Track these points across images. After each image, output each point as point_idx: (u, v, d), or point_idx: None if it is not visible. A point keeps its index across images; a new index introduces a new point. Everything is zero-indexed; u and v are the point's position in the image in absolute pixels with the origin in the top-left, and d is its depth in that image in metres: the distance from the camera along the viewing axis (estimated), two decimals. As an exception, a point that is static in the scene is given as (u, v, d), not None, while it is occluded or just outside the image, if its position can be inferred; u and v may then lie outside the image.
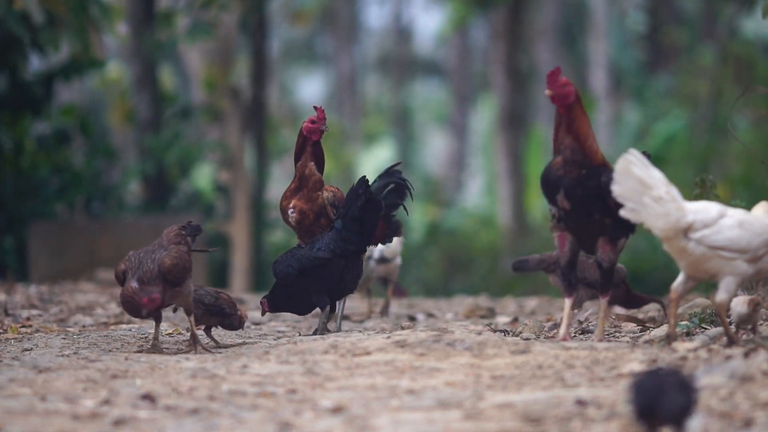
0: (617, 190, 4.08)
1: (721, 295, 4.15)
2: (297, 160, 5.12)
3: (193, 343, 4.72)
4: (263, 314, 5.14)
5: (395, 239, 6.25)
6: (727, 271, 4.11)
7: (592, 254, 4.54)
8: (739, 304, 4.39)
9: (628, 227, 4.47)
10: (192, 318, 4.73)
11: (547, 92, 4.45)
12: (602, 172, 4.40)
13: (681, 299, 4.29)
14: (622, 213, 4.11)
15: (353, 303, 7.25)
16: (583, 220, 4.44)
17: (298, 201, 5.07)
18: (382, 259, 6.50)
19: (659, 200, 4.04)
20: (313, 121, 5.09)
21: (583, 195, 4.40)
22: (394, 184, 5.33)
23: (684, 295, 4.27)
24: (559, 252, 4.53)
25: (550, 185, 4.45)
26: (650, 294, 5.65)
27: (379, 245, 6.25)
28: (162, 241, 4.66)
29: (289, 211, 5.08)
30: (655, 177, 4.06)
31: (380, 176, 5.39)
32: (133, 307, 4.53)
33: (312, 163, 5.09)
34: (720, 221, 4.09)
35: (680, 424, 2.96)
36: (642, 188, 4.04)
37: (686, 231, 4.06)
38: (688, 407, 2.97)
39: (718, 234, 4.07)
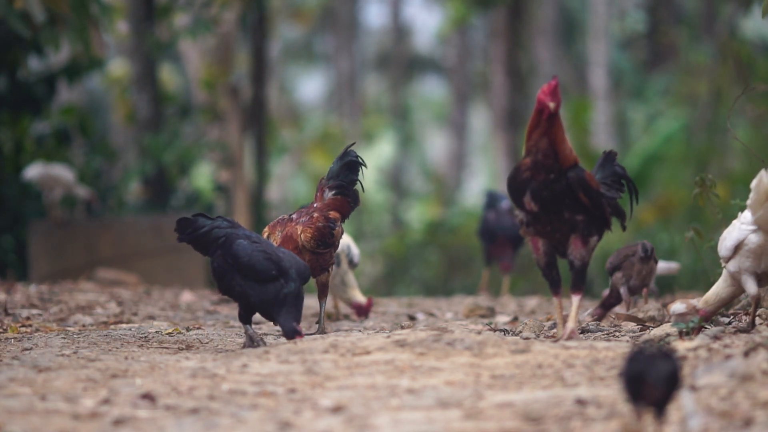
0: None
1: None
2: None
3: None
4: None
5: (349, 244, 6.25)
6: None
7: (564, 257, 4.48)
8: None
9: (601, 225, 4.46)
10: None
11: (552, 105, 4.35)
12: (570, 170, 4.36)
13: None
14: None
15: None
16: (553, 220, 4.41)
17: None
18: (352, 263, 6.25)
19: None
20: None
21: (551, 197, 4.36)
22: (349, 162, 5.36)
23: None
24: (535, 255, 4.51)
25: (516, 187, 4.40)
26: (651, 294, 5.73)
27: (354, 250, 6.29)
28: None
29: None
30: None
31: (338, 158, 5.43)
32: None
33: None
34: None
35: (666, 397, 2.98)
36: None
37: None
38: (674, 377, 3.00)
39: None
